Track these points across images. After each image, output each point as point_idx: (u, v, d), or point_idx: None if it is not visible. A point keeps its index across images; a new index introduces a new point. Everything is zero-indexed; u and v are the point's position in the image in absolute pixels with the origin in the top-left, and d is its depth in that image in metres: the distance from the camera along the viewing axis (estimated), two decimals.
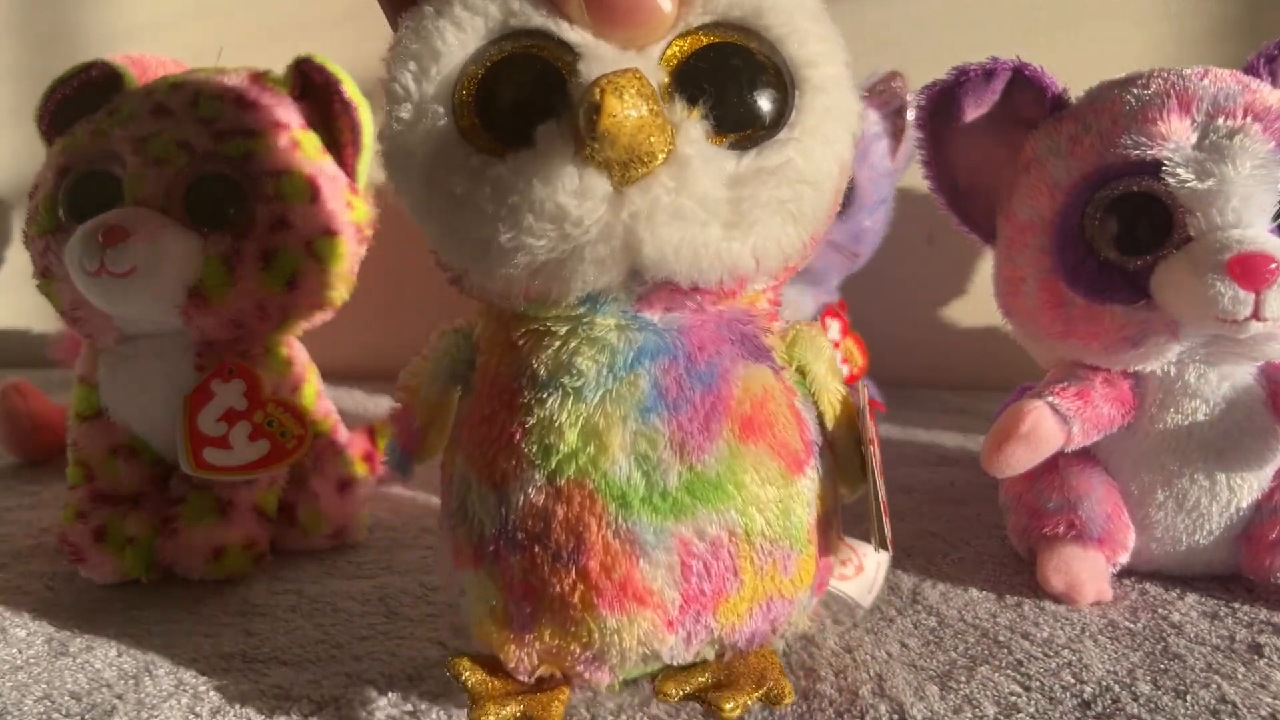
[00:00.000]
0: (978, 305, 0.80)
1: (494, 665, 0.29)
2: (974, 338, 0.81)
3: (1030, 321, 0.41)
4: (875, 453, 0.30)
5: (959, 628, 0.37)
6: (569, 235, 0.24)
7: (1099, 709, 0.31)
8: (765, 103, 0.25)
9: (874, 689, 0.33)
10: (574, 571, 0.26)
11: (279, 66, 0.48)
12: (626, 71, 0.23)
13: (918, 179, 0.47)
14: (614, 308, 0.27)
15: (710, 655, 0.29)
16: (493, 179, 0.25)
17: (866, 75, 0.66)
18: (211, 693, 0.34)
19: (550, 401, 0.26)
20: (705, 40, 0.25)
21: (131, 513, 0.44)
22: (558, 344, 0.27)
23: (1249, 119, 0.37)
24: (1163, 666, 0.34)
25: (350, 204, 0.48)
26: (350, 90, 0.47)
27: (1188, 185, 0.36)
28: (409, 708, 0.32)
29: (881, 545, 0.29)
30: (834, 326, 0.66)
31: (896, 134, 0.66)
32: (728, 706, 0.28)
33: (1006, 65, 0.41)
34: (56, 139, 0.47)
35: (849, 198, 0.64)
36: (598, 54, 0.24)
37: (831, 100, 0.26)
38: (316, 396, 0.49)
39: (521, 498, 0.27)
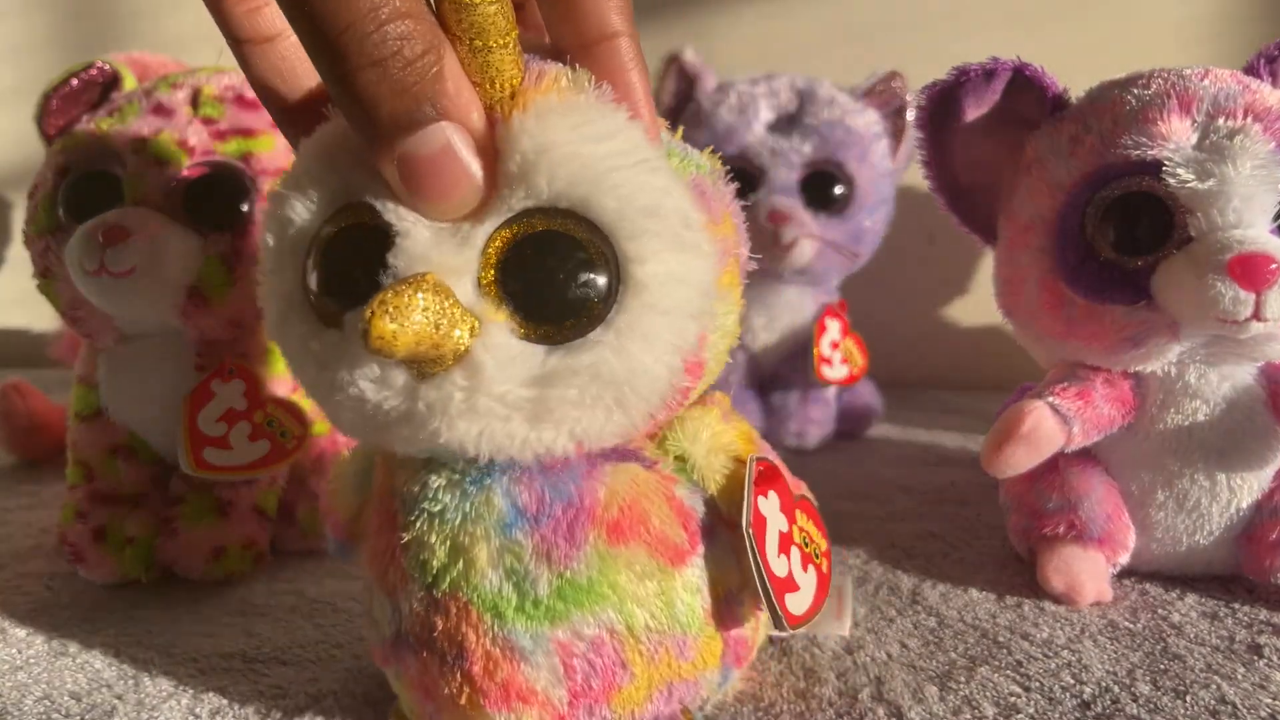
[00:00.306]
0: (978, 305, 0.80)
1: None
2: (975, 338, 0.81)
3: (1031, 322, 0.41)
4: (760, 532, 0.29)
5: (959, 628, 0.37)
6: (372, 416, 0.25)
7: (1099, 709, 0.31)
8: (582, 299, 0.24)
9: (873, 690, 0.33)
10: (459, 675, 0.27)
11: None
12: (412, 281, 0.22)
13: (918, 179, 0.47)
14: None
15: None
16: (313, 351, 0.25)
17: (866, 75, 0.66)
18: (211, 693, 0.34)
19: (418, 523, 0.27)
20: (534, 227, 0.24)
21: (131, 513, 0.44)
22: (415, 471, 0.27)
23: (1249, 119, 0.37)
24: (1162, 667, 0.34)
25: None
26: None
27: (1188, 185, 0.36)
28: None
29: (779, 627, 0.28)
30: (834, 326, 0.66)
31: (896, 134, 0.66)
32: None
33: (1007, 65, 0.41)
34: (56, 139, 0.47)
35: (849, 198, 0.64)
36: (409, 242, 0.24)
37: (655, 298, 0.24)
38: None
39: (408, 607, 0.28)
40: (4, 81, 0.93)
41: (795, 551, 0.30)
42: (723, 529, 0.29)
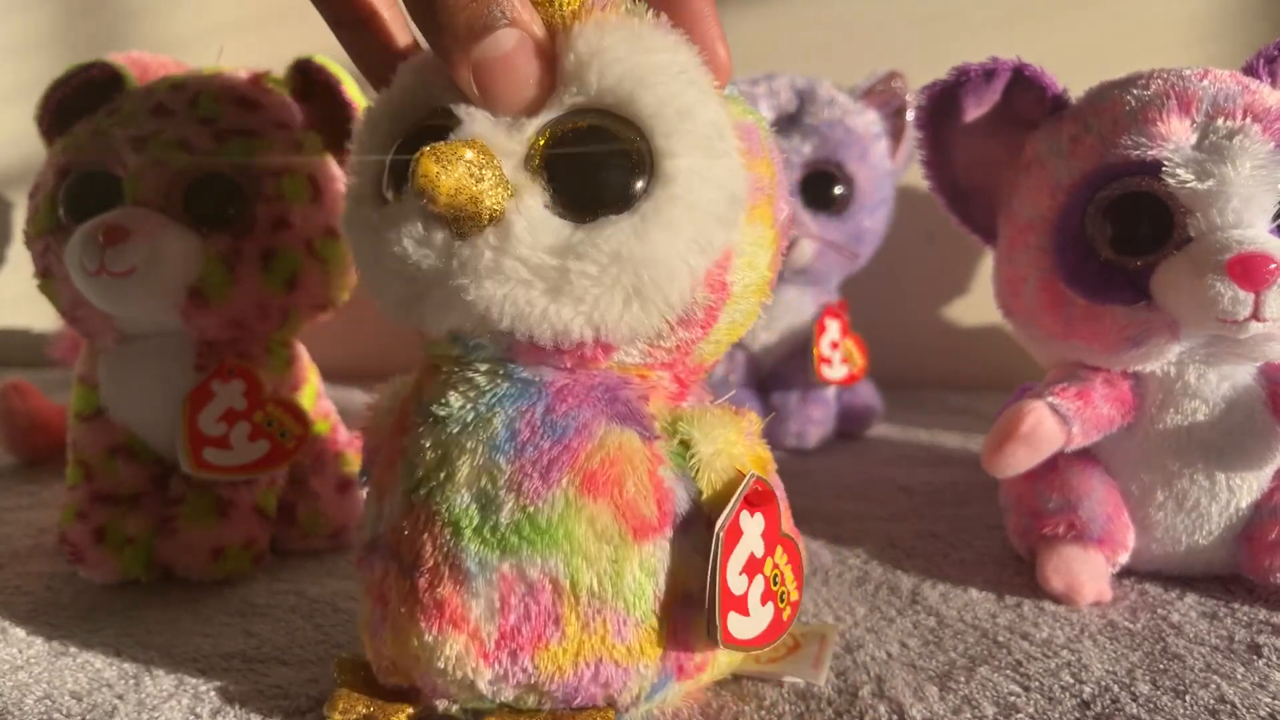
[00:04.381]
0: (978, 305, 0.80)
1: (369, 671, 0.31)
2: (975, 337, 0.81)
3: (1031, 322, 0.42)
4: (731, 542, 0.28)
5: (958, 628, 0.37)
6: (411, 278, 0.27)
7: (1098, 709, 0.31)
8: (614, 186, 0.27)
9: (873, 689, 0.33)
10: (408, 584, 0.28)
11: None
12: (461, 140, 0.25)
13: (918, 179, 0.47)
14: (485, 354, 0.29)
15: (543, 707, 0.29)
16: (370, 225, 0.28)
17: (866, 75, 0.66)
18: (211, 693, 0.34)
19: (421, 427, 0.29)
20: (575, 124, 0.27)
21: (131, 513, 0.44)
22: (441, 378, 0.29)
23: (1249, 120, 0.37)
24: (1162, 667, 0.34)
25: None
26: (351, 91, 0.47)
27: (1188, 186, 0.36)
28: None
29: (710, 635, 0.28)
30: (834, 326, 0.66)
31: (896, 134, 0.66)
32: None
33: (1007, 65, 0.41)
34: (56, 139, 0.47)
35: (849, 198, 0.64)
36: (467, 123, 0.27)
37: (681, 190, 0.26)
38: (316, 396, 0.49)
39: (389, 509, 0.29)
40: (4, 81, 0.93)
41: (760, 581, 0.29)
42: (701, 528, 0.29)
